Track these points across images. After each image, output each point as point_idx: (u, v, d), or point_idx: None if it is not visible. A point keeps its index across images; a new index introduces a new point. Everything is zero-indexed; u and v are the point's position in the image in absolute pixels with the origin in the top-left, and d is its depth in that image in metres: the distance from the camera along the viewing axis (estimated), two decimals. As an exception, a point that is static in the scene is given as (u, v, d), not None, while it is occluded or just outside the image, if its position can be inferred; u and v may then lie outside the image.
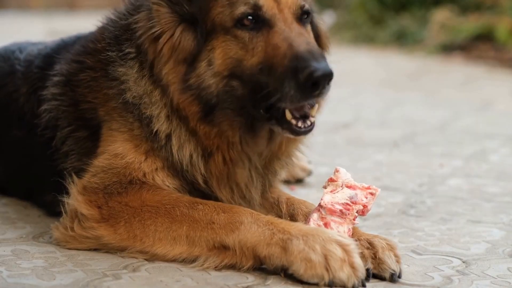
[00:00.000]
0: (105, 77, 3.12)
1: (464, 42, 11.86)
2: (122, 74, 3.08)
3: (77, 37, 3.53)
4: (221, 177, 3.03)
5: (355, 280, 2.62)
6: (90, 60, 3.20)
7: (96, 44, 3.22)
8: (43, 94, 3.31)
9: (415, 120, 6.81)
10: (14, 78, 3.56)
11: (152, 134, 3.01)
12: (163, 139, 3.01)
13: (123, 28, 3.15)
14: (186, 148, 3.01)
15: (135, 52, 3.06)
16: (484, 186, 4.41)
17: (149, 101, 3.02)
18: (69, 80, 3.25)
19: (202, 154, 3.02)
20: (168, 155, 3.02)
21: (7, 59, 3.71)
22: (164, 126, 3.01)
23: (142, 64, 3.04)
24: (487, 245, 3.27)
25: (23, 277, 2.69)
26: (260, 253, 2.70)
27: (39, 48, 3.65)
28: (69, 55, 3.34)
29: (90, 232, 2.91)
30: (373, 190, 2.87)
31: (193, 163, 3.02)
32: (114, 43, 3.14)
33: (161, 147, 3.02)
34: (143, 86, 3.03)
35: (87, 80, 3.18)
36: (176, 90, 2.94)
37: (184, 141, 3.01)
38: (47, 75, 3.35)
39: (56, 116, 3.24)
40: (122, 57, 3.09)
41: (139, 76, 3.05)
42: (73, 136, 3.20)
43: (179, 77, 2.94)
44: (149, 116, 3.02)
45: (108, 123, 3.10)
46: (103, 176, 3.00)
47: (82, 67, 3.22)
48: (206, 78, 2.91)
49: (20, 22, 17.30)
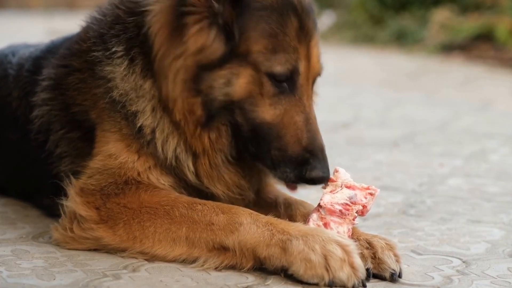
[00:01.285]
0: (93, 77, 3.08)
1: (464, 42, 11.87)
2: (108, 72, 3.02)
3: (65, 38, 3.49)
4: (211, 177, 3.02)
5: (355, 280, 2.61)
6: (77, 62, 3.16)
7: (81, 44, 3.17)
8: (33, 100, 3.28)
9: (415, 120, 6.81)
10: (7, 82, 3.54)
11: (138, 130, 2.97)
12: (149, 134, 2.97)
13: (108, 25, 3.08)
14: (170, 142, 2.96)
15: (124, 50, 3.01)
16: (484, 186, 4.41)
17: (135, 96, 2.97)
18: (58, 84, 3.21)
19: (187, 151, 2.97)
20: (155, 151, 2.98)
21: (0, 63, 3.70)
22: (149, 120, 2.96)
23: (134, 60, 2.98)
24: (487, 245, 3.27)
25: (23, 277, 2.69)
26: (260, 254, 2.70)
27: (31, 51, 3.61)
28: (56, 58, 3.29)
29: (89, 233, 2.91)
30: (373, 190, 2.87)
31: (179, 158, 2.98)
32: (99, 42, 3.08)
33: (148, 143, 2.98)
34: (131, 81, 2.97)
35: (75, 82, 3.14)
36: (187, 89, 2.86)
37: (167, 134, 2.96)
38: (36, 80, 3.31)
39: (48, 121, 3.22)
40: (109, 56, 3.03)
41: (128, 73, 2.98)
42: (66, 138, 3.17)
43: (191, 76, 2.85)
44: (134, 112, 2.97)
45: (101, 125, 3.07)
46: (99, 177, 2.99)
47: (69, 70, 3.17)
48: (217, 94, 2.85)
49: (20, 22, 17.31)
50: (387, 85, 9.27)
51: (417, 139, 5.88)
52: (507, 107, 7.69)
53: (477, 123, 6.70)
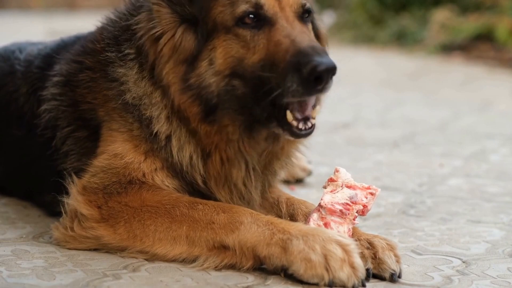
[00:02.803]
0: (105, 78, 3.12)
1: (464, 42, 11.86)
2: (121, 75, 3.07)
3: (76, 37, 3.53)
4: (219, 177, 3.03)
5: (355, 280, 2.61)
6: (89, 60, 3.20)
7: (95, 44, 3.22)
8: (43, 95, 3.31)
9: (415, 120, 6.81)
10: (14, 78, 3.56)
11: (152, 135, 3.01)
12: (163, 140, 3.01)
13: (123, 29, 3.14)
14: (186, 150, 3.01)
15: (135, 53, 3.06)
16: (484, 186, 4.41)
17: (149, 102, 3.02)
18: (68, 81, 3.24)
19: (201, 155, 3.01)
20: (168, 156, 3.02)
21: (7, 59, 3.71)
22: (164, 127, 3.01)
23: (142, 65, 3.04)
24: (487, 245, 3.27)
25: (23, 277, 2.69)
26: (260, 253, 2.70)
27: (39, 48, 3.65)
28: (68, 55, 3.33)
29: (90, 232, 2.91)
30: (373, 190, 2.87)
31: (193, 164, 3.01)
32: (113, 44, 3.13)
33: (161, 148, 3.02)
34: (143, 87, 3.03)
35: (86, 80, 3.18)
36: (177, 91, 2.94)
37: (184, 142, 3.01)
38: (47, 75, 3.34)
39: (55, 116, 3.24)
40: (122, 58, 3.09)
41: (139, 78, 3.04)
42: (73, 136, 3.20)
43: (179, 77, 2.94)
44: (149, 117, 3.01)
45: (108, 124, 3.09)
46: (103, 176, 3.00)
47: (81, 67, 3.21)
48: (206, 77, 2.90)
49: (20, 22, 17.30)
50: (387, 85, 9.27)
51: (417, 139, 5.88)
52: (507, 107, 7.69)
53: (477, 123, 6.70)
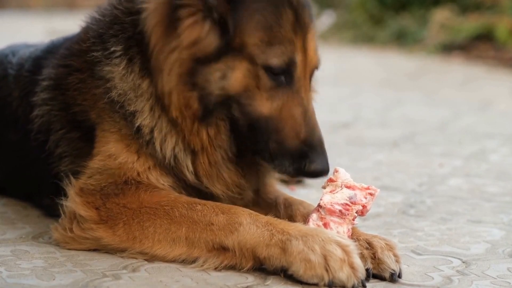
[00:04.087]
0: (92, 77, 3.09)
1: (464, 42, 11.86)
2: (107, 72, 3.03)
3: (65, 38, 3.50)
4: (210, 176, 3.02)
5: (355, 280, 2.61)
6: (76, 62, 3.16)
7: (81, 44, 3.18)
8: (33, 100, 3.28)
9: (415, 120, 6.81)
10: (7, 82, 3.55)
11: (136, 130, 2.97)
12: (147, 134, 2.97)
13: (107, 25, 3.09)
14: (169, 141, 2.96)
15: (122, 50, 3.01)
16: (484, 186, 4.41)
17: (134, 95, 2.97)
18: (58, 84, 3.21)
19: (186, 149, 2.97)
20: (155, 152, 2.98)
21: (0, 63, 3.70)
22: (147, 120, 2.96)
23: (132, 60, 2.98)
24: (487, 245, 3.27)
25: (23, 277, 2.69)
26: (260, 254, 2.70)
27: (31, 51, 3.61)
28: (56, 58, 3.30)
29: (89, 233, 2.91)
30: (373, 191, 2.87)
31: (177, 157, 2.97)
32: (99, 42, 3.09)
33: (147, 143, 2.98)
34: (130, 81, 2.97)
35: (75, 82, 3.15)
36: (182, 82, 2.86)
37: (165, 133, 2.96)
38: (36, 79, 3.32)
39: (48, 121, 3.22)
40: (108, 56, 3.04)
41: (127, 72, 2.99)
42: (66, 138, 3.18)
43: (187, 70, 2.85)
44: (133, 111, 2.97)
45: (100, 125, 3.07)
46: (99, 177, 2.99)
47: (69, 70, 3.18)
48: (213, 87, 2.85)
49: (20, 22, 17.29)
50: (387, 85, 9.27)
51: (417, 139, 5.88)
52: (507, 107, 7.69)
53: (477, 123, 6.70)
